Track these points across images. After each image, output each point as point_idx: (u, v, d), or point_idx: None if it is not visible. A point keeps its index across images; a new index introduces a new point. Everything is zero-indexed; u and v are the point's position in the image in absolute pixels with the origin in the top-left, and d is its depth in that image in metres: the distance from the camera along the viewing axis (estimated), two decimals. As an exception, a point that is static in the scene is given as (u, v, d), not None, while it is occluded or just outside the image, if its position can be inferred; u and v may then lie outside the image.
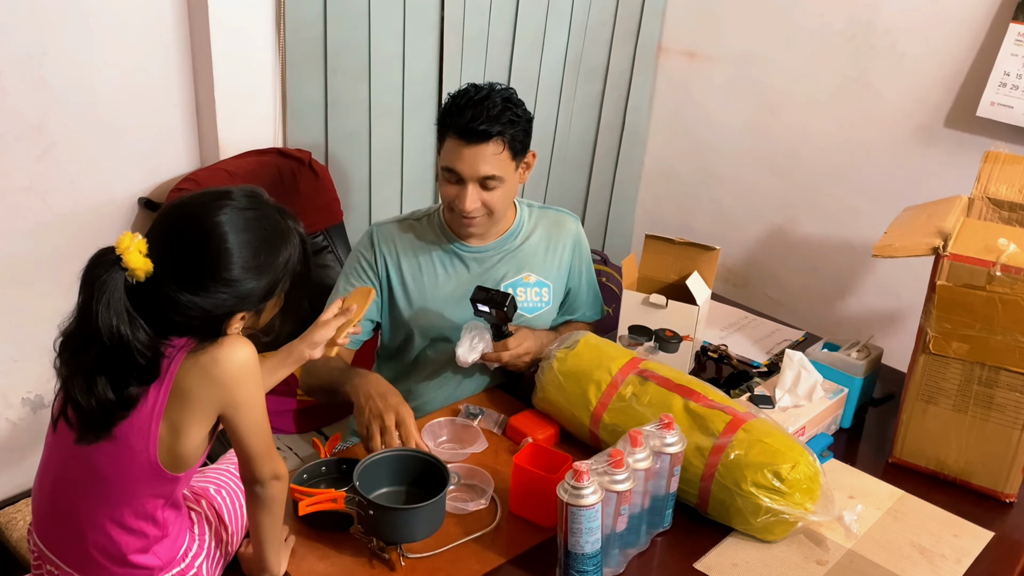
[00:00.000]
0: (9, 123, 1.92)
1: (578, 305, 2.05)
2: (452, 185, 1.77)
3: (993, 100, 2.40)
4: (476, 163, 1.72)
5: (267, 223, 1.20)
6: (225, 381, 1.20)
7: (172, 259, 1.15)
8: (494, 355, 1.79)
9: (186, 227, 1.18)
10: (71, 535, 1.27)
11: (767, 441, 1.46)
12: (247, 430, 1.24)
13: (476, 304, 1.74)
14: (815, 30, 2.76)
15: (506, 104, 1.74)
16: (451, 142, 1.74)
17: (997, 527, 1.57)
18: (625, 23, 3.01)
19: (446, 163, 1.75)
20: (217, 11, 2.08)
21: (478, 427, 1.70)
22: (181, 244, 1.16)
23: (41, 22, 1.91)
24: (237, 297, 1.18)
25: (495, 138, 1.72)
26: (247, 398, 1.23)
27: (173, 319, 1.16)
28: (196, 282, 1.15)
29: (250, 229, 1.18)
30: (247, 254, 1.17)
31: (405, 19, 2.41)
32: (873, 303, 2.83)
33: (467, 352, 1.77)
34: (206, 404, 1.20)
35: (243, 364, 1.21)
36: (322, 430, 2.28)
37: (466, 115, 1.71)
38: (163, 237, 1.16)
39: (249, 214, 1.18)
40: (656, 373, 1.62)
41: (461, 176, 1.74)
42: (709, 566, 1.43)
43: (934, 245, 1.57)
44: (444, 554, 1.41)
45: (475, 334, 1.78)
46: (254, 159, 2.22)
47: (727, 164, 3.09)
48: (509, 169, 1.77)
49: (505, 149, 1.74)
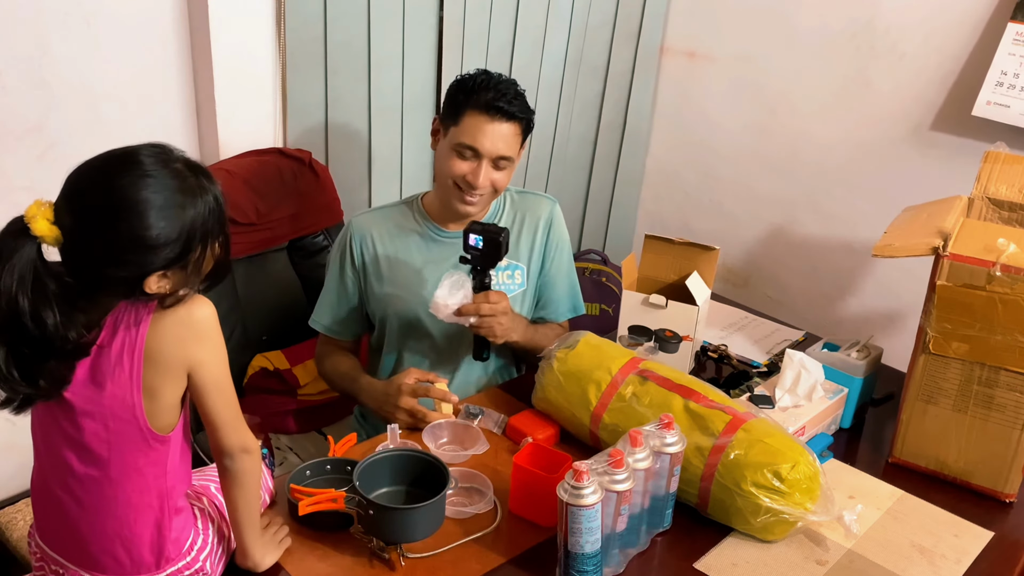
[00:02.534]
0: (9, 123, 1.92)
1: (553, 297, 2.00)
2: (466, 161, 1.78)
3: (990, 99, 2.40)
4: (497, 140, 1.76)
5: (174, 182, 1.18)
6: (188, 336, 1.22)
7: (78, 223, 1.15)
8: (472, 306, 1.72)
9: (90, 190, 1.17)
10: (75, 528, 1.27)
11: (767, 441, 1.46)
12: (211, 390, 1.25)
13: (468, 237, 1.71)
14: (815, 30, 2.76)
15: (518, 92, 1.80)
16: (473, 118, 1.76)
17: (997, 527, 1.57)
18: (625, 23, 3.01)
19: (465, 139, 1.76)
20: (217, 11, 2.08)
21: (478, 428, 1.70)
22: (85, 208, 1.16)
23: (41, 22, 1.91)
24: (145, 258, 1.16)
25: (516, 120, 1.77)
26: (210, 355, 1.24)
27: (89, 281, 1.18)
28: (102, 245, 1.16)
29: (155, 189, 1.15)
30: (151, 215, 1.15)
31: (405, 19, 2.41)
32: (873, 303, 2.83)
33: (446, 295, 1.70)
34: (174, 362, 1.22)
35: (203, 320, 1.23)
36: (322, 430, 2.28)
37: (490, 93, 1.75)
38: (69, 202, 1.17)
39: (154, 172, 1.16)
40: (656, 373, 1.62)
41: (479, 152, 1.76)
42: (709, 566, 1.43)
43: (934, 245, 1.57)
44: (444, 554, 1.41)
45: (455, 280, 1.73)
46: (254, 159, 2.22)
47: (727, 164, 3.09)
48: (517, 155, 1.82)
49: (520, 132, 1.79)
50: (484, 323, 1.74)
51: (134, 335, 1.20)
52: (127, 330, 1.20)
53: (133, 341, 1.20)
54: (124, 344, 1.20)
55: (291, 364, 2.24)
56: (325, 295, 1.97)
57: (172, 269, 1.19)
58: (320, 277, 2.28)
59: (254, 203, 2.18)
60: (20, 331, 1.14)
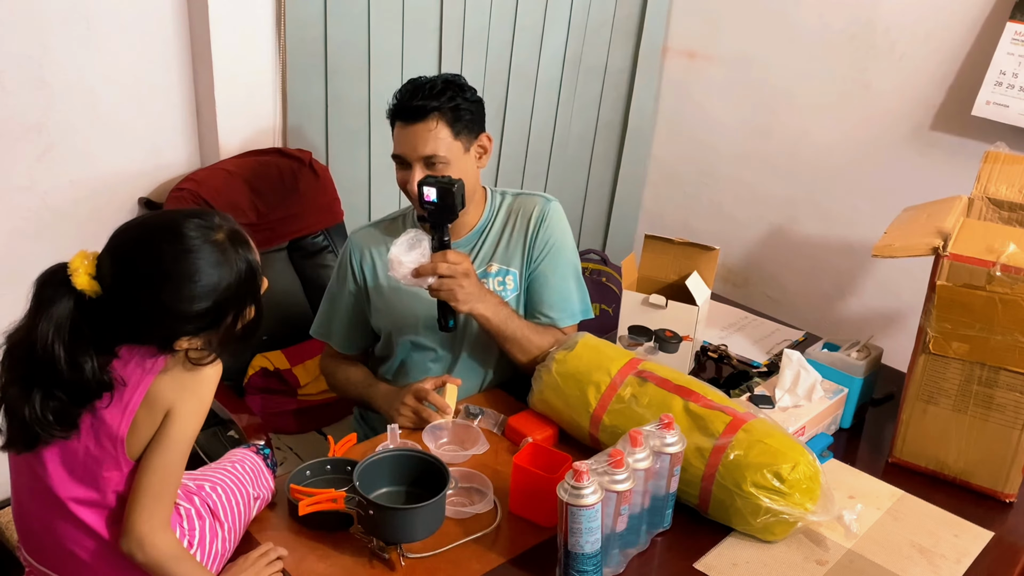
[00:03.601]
0: (9, 123, 1.92)
1: (545, 298, 1.87)
2: (402, 171, 1.77)
3: (989, 99, 2.40)
4: (415, 142, 1.72)
5: (215, 256, 1.23)
6: (184, 384, 1.25)
7: (119, 284, 1.20)
8: (430, 266, 1.64)
9: (133, 255, 1.22)
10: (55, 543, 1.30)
11: (767, 442, 1.46)
12: (165, 443, 1.25)
13: (422, 192, 1.65)
14: (815, 30, 2.76)
15: (447, 85, 1.74)
16: (395, 128, 1.76)
17: (997, 527, 1.57)
18: (624, 23, 3.01)
19: (393, 149, 1.77)
20: (217, 11, 2.08)
21: (478, 428, 1.70)
22: (128, 271, 1.21)
23: (41, 22, 1.91)
24: (179, 324, 1.22)
25: (432, 114, 1.72)
26: (188, 410, 1.26)
27: (122, 332, 1.23)
28: (139, 308, 1.21)
29: (197, 264, 1.21)
30: (191, 287, 1.20)
31: (405, 19, 2.41)
32: (873, 303, 2.83)
33: (401, 252, 1.64)
34: (161, 400, 1.24)
35: (204, 377, 1.27)
36: (322, 430, 2.28)
37: (405, 97, 1.74)
38: (113, 261, 1.21)
39: (197, 247, 1.21)
40: (655, 374, 1.62)
41: (405, 159, 1.75)
42: (709, 566, 1.43)
43: (934, 245, 1.56)
44: (444, 554, 1.41)
45: (412, 236, 1.66)
46: (254, 159, 2.22)
47: (727, 164, 3.09)
48: (455, 149, 1.75)
49: (443, 126, 1.72)
50: (444, 285, 1.65)
51: (139, 380, 1.23)
52: (135, 373, 1.24)
53: (137, 386, 1.23)
54: (129, 386, 1.23)
55: (291, 364, 2.24)
56: (329, 310, 1.95)
57: (196, 336, 1.24)
58: (320, 277, 2.28)
59: (254, 203, 2.18)
60: (55, 376, 1.18)
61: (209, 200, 2.09)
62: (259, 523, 1.46)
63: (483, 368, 1.91)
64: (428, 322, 1.85)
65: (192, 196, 2.08)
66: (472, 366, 1.90)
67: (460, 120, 1.75)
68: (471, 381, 1.91)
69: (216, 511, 1.36)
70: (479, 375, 1.92)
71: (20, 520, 1.35)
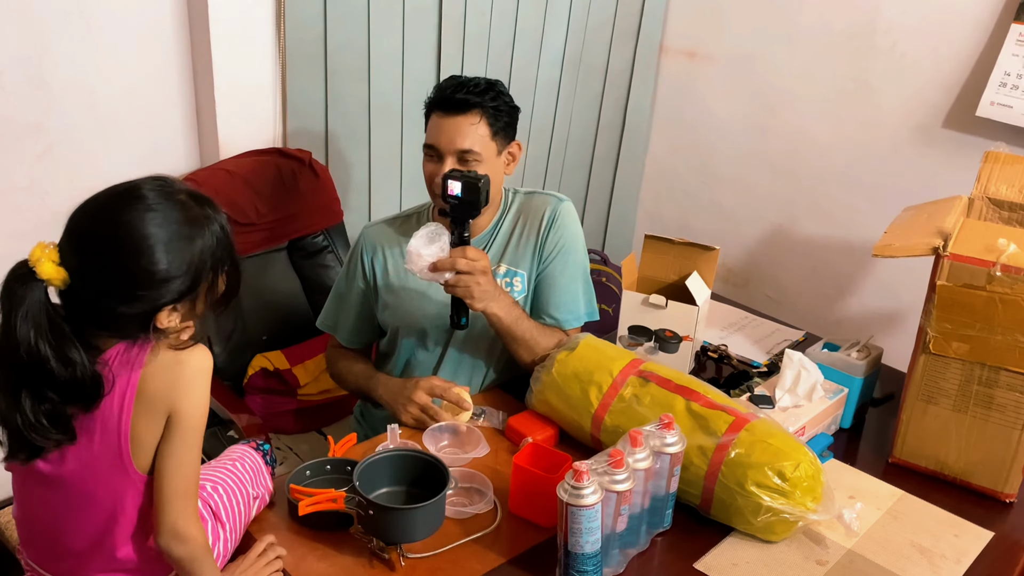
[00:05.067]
0: (9, 123, 1.92)
1: (552, 299, 1.86)
2: (432, 163, 1.76)
3: (993, 100, 2.40)
4: (453, 134, 1.71)
5: (179, 214, 1.17)
6: (177, 381, 1.20)
7: (86, 263, 1.14)
8: (448, 261, 1.62)
9: (94, 228, 1.15)
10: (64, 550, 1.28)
11: (769, 441, 1.45)
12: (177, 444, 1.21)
13: (447, 185, 1.64)
14: (815, 30, 2.76)
15: (490, 85, 1.74)
16: (433, 118, 1.75)
17: (997, 527, 1.57)
18: (625, 23, 3.01)
19: (427, 139, 1.75)
20: (217, 11, 2.08)
21: (481, 427, 1.70)
22: (92, 247, 1.14)
23: (41, 22, 1.91)
24: (156, 292, 1.15)
25: (474, 109, 1.71)
26: (191, 406, 1.21)
27: (100, 320, 1.16)
28: (111, 283, 1.14)
29: (160, 223, 1.15)
30: (159, 249, 1.14)
31: (404, 19, 2.41)
32: (873, 303, 2.83)
33: (420, 245, 1.62)
34: (159, 403, 1.20)
35: (196, 369, 1.21)
36: (322, 430, 2.28)
37: (448, 90, 1.73)
38: (73, 242, 1.15)
39: (157, 206, 1.15)
40: (657, 374, 1.62)
41: (438, 149, 1.73)
42: (709, 566, 1.43)
43: (934, 245, 1.56)
44: (444, 554, 1.41)
45: (432, 230, 1.64)
46: (254, 159, 2.22)
47: (727, 164, 3.09)
48: (489, 149, 1.74)
49: (484, 123, 1.72)
50: (460, 281, 1.64)
51: (127, 377, 1.18)
52: (122, 370, 1.18)
53: (126, 382, 1.18)
54: (118, 384, 1.18)
55: (291, 364, 2.24)
56: (337, 303, 1.95)
57: (182, 302, 1.18)
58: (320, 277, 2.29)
59: (254, 203, 2.18)
60: (45, 377, 1.13)
61: (209, 200, 2.09)
62: (259, 523, 1.46)
63: (485, 367, 1.92)
64: (435, 321, 1.85)
65: (192, 196, 2.08)
66: (476, 365, 1.90)
67: (499, 121, 1.75)
68: (473, 381, 1.92)
69: (218, 512, 1.36)
70: (481, 374, 1.92)
71: (24, 526, 1.34)
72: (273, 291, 2.31)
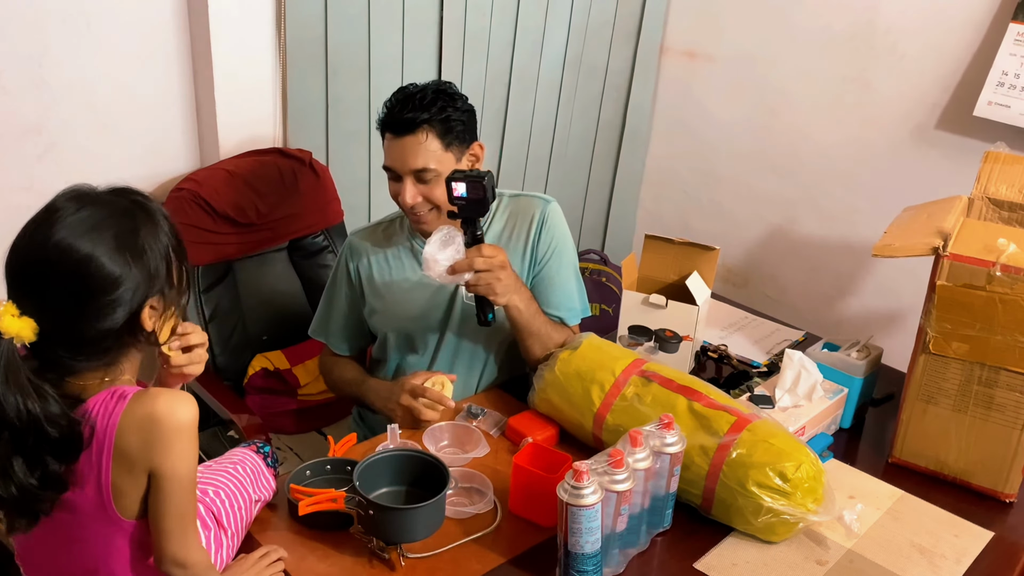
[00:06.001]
0: (9, 123, 1.92)
1: (553, 299, 1.88)
2: (393, 183, 1.76)
3: (991, 100, 2.40)
4: (405, 155, 1.70)
5: (106, 211, 1.13)
6: (154, 440, 1.13)
7: (44, 301, 1.09)
8: (465, 261, 1.61)
9: (33, 263, 1.11)
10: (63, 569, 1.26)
11: (771, 442, 1.45)
12: (163, 498, 1.16)
13: (451, 188, 1.61)
14: (815, 30, 2.76)
15: (437, 95, 1.71)
16: (386, 139, 1.74)
17: (997, 527, 1.57)
18: (625, 23, 3.01)
19: (384, 161, 1.75)
20: (217, 11, 2.08)
21: (479, 429, 1.70)
22: (39, 282, 1.09)
23: (41, 22, 1.91)
24: (124, 295, 1.11)
25: (421, 127, 1.69)
26: (173, 464, 1.15)
27: (87, 349, 1.12)
28: (77, 305, 1.09)
29: (92, 226, 1.10)
30: (101, 251, 1.09)
31: (405, 19, 2.41)
32: (873, 303, 2.83)
33: (435, 250, 1.60)
34: (138, 464, 1.14)
35: (177, 427, 1.14)
36: (322, 430, 2.28)
37: (392, 109, 1.71)
38: (22, 287, 1.11)
39: (82, 212, 1.11)
40: (660, 374, 1.62)
41: (396, 171, 1.73)
42: (709, 566, 1.43)
43: (934, 245, 1.56)
44: (444, 554, 1.41)
45: (445, 234, 1.63)
46: (254, 159, 2.22)
47: (727, 164, 3.09)
48: (446, 160, 1.72)
49: (433, 138, 1.70)
50: (481, 279, 1.63)
51: (104, 430, 1.13)
52: (100, 422, 1.13)
53: (103, 437, 1.13)
54: (95, 438, 1.13)
55: (291, 364, 2.24)
56: (327, 311, 1.96)
57: (154, 296, 1.14)
58: (320, 277, 2.28)
59: (254, 203, 2.18)
60: (39, 439, 1.08)
61: (209, 200, 2.09)
62: (259, 524, 1.46)
63: (481, 368, 1.92)
64: (421, 323, 1.86)
65: (192, 196, 2.08)
66: (469, 367, 1.90)
67: (451, 131, 1.72)
68: (469, 381, 1.92)
69: (220, 518, 1.36)
70: (474, 376, 1.92)
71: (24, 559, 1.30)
72: (273, 291, 2.31)
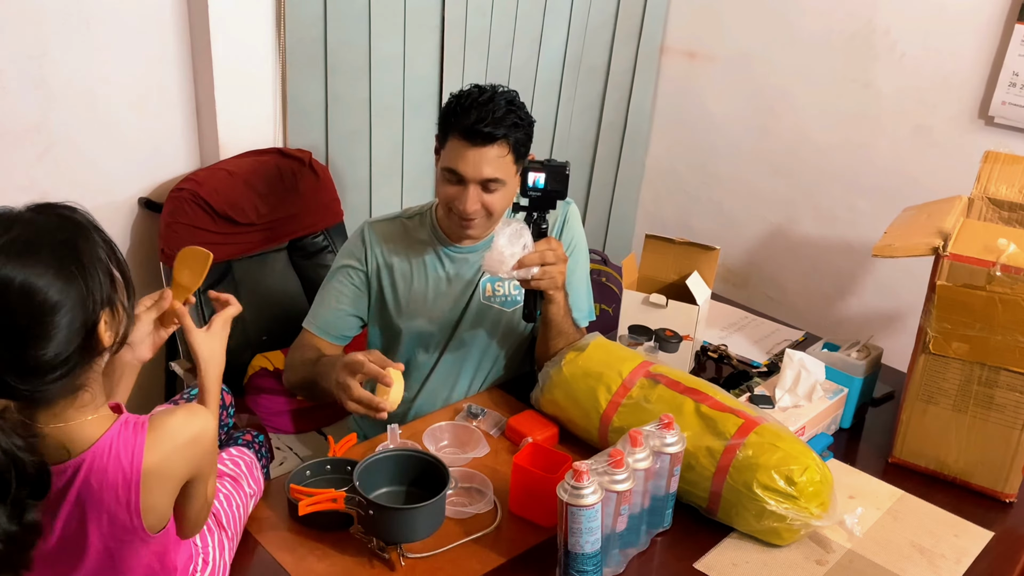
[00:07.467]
0: (9, 123, 1.92)
1: (572, 301, 1.87)
2: (453, 186, 1.74)
3: (1005, 100, 2.41)
4: (480, 165, 1.70)
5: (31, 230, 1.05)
6: (196, 453, 1.15)
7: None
8: (536, 255, 1.62)
9: None
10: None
11: (779, 445, 1.45)
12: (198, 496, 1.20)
13: (527, 177, 1.63)
14: (815, 30, 2.76)
15: (510, 107, 1.72)
16: (455, 143, 1.72)
17: (997, 527, 1.57)
18: (626, 23, 3.01)
19: (449, 164, 1.73)
20: (217, 11, 2.08)
21: (479, 429, 1.70)
22: None
23: (41, 22, 1.91)
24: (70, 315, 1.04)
25: (500, 141, 1.69)
26: (209, 468, 1.21)
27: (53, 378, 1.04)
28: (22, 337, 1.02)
29: (21, 251, 1.02)
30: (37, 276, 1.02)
31: (406, 19, 2.41)
32: (873, 303, 2.83)
33: (507, 245, 1.59)
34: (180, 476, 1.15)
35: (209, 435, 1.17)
36: (322, 430, 2.28)
37: (471, 116, 1.68)
38: None
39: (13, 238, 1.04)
40: (667, 376, 1.62)
41: (463, 177, 1.72)
42: (709, 566, 1.43)
43: (934, 245, 1.57)
44: (444, 554, 1.41)
45: (513, 229, 1.61)
46: (254, 159, 2.22)
47: (727, 164, 3.09)
48: (511, 172, 1.74)
49: (509, 152, 1.71)
50: (547, 273, 1.64)
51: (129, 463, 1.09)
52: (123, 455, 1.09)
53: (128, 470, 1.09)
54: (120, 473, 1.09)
55: (291, 364, 2.24)
56: (326, 295, 1.91)
57: (103, 308, 1.08)
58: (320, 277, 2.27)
59: (254, 203, 2.18)
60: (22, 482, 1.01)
61: (209, 200, 2.09)
62: (259, 524, 1.46)
63: (487, 367, 1.92)
64: (441, 324, 1.86)
65: (192, 196, 2.08)
66: (472, 367, 1.90)
67: (520, 145, 1.74)
68: (472, 383, 1.92)
69: (220, 519, 1.36)
70: (475, 376, 1.92)
71: None
72: (273, 291, 2.31)
